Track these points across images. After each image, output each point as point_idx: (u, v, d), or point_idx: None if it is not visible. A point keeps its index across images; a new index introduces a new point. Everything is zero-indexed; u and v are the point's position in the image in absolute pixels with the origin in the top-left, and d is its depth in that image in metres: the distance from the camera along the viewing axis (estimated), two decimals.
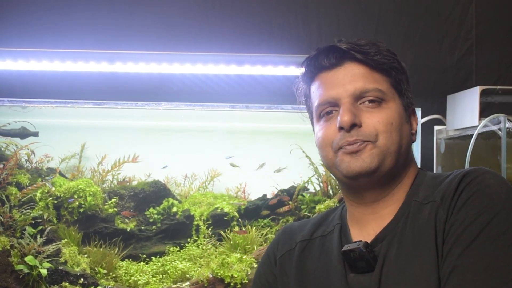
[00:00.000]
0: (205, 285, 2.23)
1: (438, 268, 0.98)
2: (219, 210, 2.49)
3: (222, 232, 2.44)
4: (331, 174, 1.39)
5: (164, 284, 2.29)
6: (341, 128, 1.09)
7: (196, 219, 2.47)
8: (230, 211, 2.48)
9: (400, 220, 1.07)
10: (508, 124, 2.18)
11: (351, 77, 1.10)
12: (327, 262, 1.13)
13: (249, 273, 2.25)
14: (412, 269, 1.00)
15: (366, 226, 1.13)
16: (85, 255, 2.32)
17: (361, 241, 1.09)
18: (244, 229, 2.43)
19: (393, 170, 1.11)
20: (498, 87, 2.32)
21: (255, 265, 2.28)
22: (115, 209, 2.47)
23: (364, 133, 1.08)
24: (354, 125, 1.08)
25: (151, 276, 2.32)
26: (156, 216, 2.48)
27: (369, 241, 1.08)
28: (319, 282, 1.13)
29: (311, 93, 1.17)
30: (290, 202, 2.48)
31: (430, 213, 1.03)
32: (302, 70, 1.19)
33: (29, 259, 2.18)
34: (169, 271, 2.32)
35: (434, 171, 2.42)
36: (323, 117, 1.13)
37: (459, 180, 1.02)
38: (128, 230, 2.43)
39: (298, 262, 1.19)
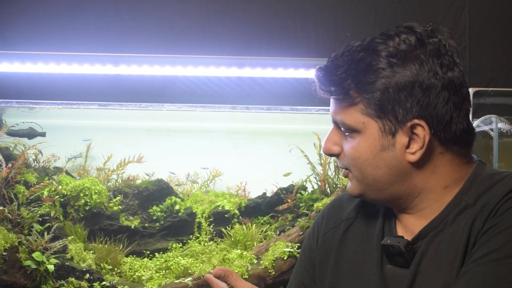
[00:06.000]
0: None
1: None
2: (220, 208, 2.53)
3: (223, 229, 2.49)
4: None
5: (167, 279, 2.31)
6: None
7: (198, 216, 2.52)
8: (231, 208, 2.52)
9: (445, 218, 1.02)
10: (499, 125, 2.22)
11: (331, 106, 1.07)
12: (368, 249, 1.10)
13: (249, 268, 2.29)
14: (444, 274, 0.97)
15: (407, 222, 1.08)
16: (91, 252, 2.35)
17: (402, 237, 1.05)
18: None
19: (386, 197, 1.06)
20: (490, 88, 2.34)
21: (255, 261, 2.31)
22: (120, 207, 2.51)
23: (341, 162, 1.08)
24: (333, 155, 1.08)
25: (154, 272, 2.35)
26: (159, 213, 2.51)
27: (411, 237, 1.04)
28: (356, 265, 1.10)
29: None
30: (289, 200, 2.53)
31: (469, 219, 0.97)
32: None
33: (36, 255, 2.20)
34: (172, 267, 2.36)
35: None
36: None
37: (508, 190, 0.96)
38: (132, 227, 2.46)
39: (340, 241, 1.15)
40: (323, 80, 1.03)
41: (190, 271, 2.33)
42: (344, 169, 1.09)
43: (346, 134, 1.05)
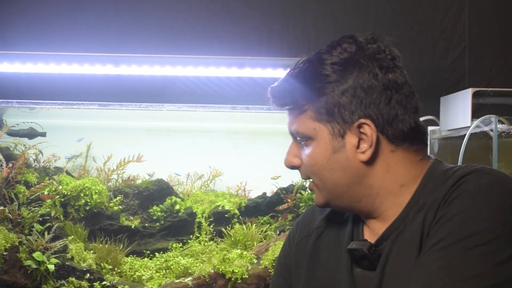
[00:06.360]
0: (207, 280, 2.26)
1: None
2: (220, 208, 2.54)
3: (223, 229, 2.49)
4: None
5: (167, 279, 2.32)
6: None
7: (198, 216, 2.53)
8: (231, 208, 2.53)
9: (405, 218, 1.04)
10: (499, 125, 2.22)
11: (287, 119, 1.13)
12: (339, 255, 1.13)
13: (249, 268, 2.29)
14: (407, 272, 0.98)
15: (373, 226, 1.11)
16: (91, 251, 2.36)
17: (366, 240, 1.08)
18: None
19: (348, 201, 1.09)
20: (490, 89, 2.34)
21: (255, 261, 2.33)
22: (120, 207, 2.52)
23: (303, 173, 1.13)
24: (294, 167, 1.13)
25: (154, 272, 2.36)
26: (159, 213, 2.52)
27: (375, 239, 1.07)
28: (329, 272, 1.13)
29: None
30: (289, 200, 2.54)
31: (423, 215, 1.01)
32: None
33: (37, 255, 2.22)
34: (172, 267, 2.37)
35: None
36: None
37: (455, 181, 0.99)
38: (132, 227, 2.47)
39: (312, 250, 1.19)
40: (275, 94, 1.10)
41: (190, 271, 2.34)
42: (310, 182, 1.14)
43: (302, 143, 1.10)
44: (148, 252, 2.47)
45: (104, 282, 2.28)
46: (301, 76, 1.08)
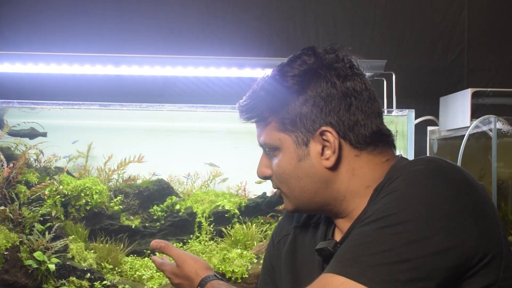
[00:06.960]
0: None
1: None
2: (220, 208, 2.55)
3: (223, 229, 2.50)
4: None
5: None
6: None
7: (199, 216, 2.54)
8: (231, 208, 2.54)
9: (366, 214, 1.05)
10: (498, 125, 2.23)
11: (256, 132, 1.18)
12: (313, 253, 1.15)
13: (249, 268, 2.30)
14: None
15: (342, 225, 1.14)
16: (92, 251, 2.36)
17: (332, 239, 1.12)
18: None
19: (316, 206, 1.12)
20: (489, 89, 2.36)
21: (255, 260, 2.34)
22: (121, 206, 2.52)
23: (273, 183, 1.17)
24: (266, 177, 1.17)
25: (155, 271, 2.36)
26: (160, 213, 2.52)
27: (340, 237, 1.11)
28: (305, 270, 1.17)
29: None
30: None
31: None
32: None
33: (37, 254, 2.22)
34: None
35: None
36: None
37: (399, 171, 1.01)
38: (133, 226, 2.47)
39: (290, 248, 1.22)
40: (242, 108, 1.15)
41: None
42: (277, 190, 1.17)
43: (271, 154, 1.14)
44: (149, 251, 2.46)
45: (104, 282, 2.29)
46: (265, 90, 1.11)
